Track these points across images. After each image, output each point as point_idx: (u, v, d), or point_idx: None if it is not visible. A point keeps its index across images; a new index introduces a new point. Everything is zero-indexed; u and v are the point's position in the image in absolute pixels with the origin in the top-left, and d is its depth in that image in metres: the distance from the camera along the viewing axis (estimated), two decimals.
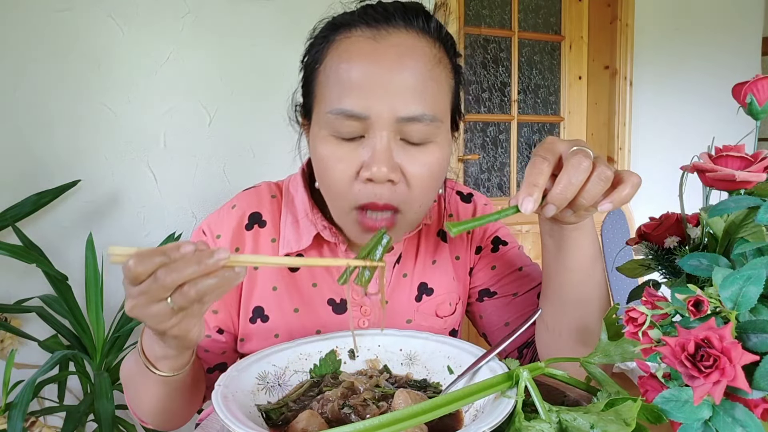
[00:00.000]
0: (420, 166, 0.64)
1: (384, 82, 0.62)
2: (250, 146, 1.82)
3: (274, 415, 0.56)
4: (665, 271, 0.62)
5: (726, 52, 2.69)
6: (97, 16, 1.60)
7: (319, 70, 0.67)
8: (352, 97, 0.62)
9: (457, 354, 0.63)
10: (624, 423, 0.41)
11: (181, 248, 0.49)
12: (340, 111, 0.62)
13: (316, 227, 0.75)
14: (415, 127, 0.63)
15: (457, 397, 0.46)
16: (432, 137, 0.65)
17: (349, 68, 0.63)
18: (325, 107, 0.65)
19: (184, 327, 0.53)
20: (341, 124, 0.63)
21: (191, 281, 0.49)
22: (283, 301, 0.76)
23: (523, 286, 0.82)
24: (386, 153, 0.62)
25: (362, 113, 0.62)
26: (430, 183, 0.67)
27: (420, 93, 0.63)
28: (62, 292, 1.46)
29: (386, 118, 0.62)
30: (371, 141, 0.63)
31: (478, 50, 2.43)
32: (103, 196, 1.65)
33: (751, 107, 0.56)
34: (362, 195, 0.64)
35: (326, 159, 0.65)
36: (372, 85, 0.62)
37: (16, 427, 1.09)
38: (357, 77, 0.62)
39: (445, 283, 0.82)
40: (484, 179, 2.52)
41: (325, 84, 0.65)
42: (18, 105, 1.54)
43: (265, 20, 1.78)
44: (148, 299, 0.50)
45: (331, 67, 0.65)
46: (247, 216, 0.77)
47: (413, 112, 0.62)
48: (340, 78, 0.63)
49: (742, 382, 0.36)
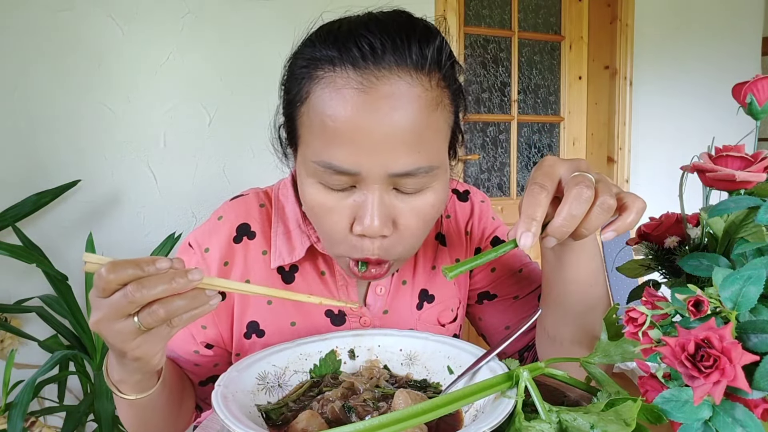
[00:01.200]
0: (414, 215, 0.61)
1: (375, 138, 0.55)
2: (249, 146, 1.82)
3: (274, 415, 0.56)
4: (665, 271, 0.62)
5: (726, 52, 2.69)
6: (97, 16, 1.60)
7: (302, 110, 0.60)
8: (341, 152, 0.56)
9: (457, 354, 0.63)
10: (624, 423, 0.41)
11: (156, 263, 0.47)
12: (328, 165, 0.57)
13: (309, 239, 0.72)
14: (408, 180, 0.58)
15: (457, 397, 0.45)
16: (427, 185, 0.61)
17: (335, 119, 0.56)
18: (310, 155, 0.59)
19: (147, 350, 0.51)
20: (329, 177, 0.58)
21: (161, 300, 0.48)
22: (279, 314, 0.73)
23: (523, 288, 0.80)
24: (379, 208, 0.58)
25: (352, 170, 0.57)
26: (425, 228, 0.64)
27: (415, 146, 0.57)
28: (62, 292, 1.46)
29: (378, 174, 0.57)
30: (362, 194, 0.59)
31: (478, 50, 2.43)
32: (103, 196, 1.65)
33: (751, 107, 0.56)
34: (355, 250, 0.62)
35: (316, 207, 0.61)
36: (362, 141, 0.56)
37: (16, 427, 1.09)
38: (345, 132, 0.56)
39: (445, 288, 0.80)
40: (484, 179, 2.52)
41: (309, 128, 0.59)
42: (18, 105, 1.54)
43: (266, 20, 1.78)
44: (115, 314, 0.48)
45: (315, 113, 0.58)
46: (235, 228, 0.73)
47: (407, 168, 0.57)
48: (326, 128, 0.57)
49: (742, 382, 0.36)
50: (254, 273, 0.73)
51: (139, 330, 0.49)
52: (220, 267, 0.72)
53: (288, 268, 0.74)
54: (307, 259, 0.74)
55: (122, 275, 0.47)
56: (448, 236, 0.82)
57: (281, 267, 0.73)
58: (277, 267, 0.73)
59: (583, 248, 0.60)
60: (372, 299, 0.77)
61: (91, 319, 0.49)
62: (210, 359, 0.76)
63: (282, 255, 0.73)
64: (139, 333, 0.49)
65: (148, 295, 0.47)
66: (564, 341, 0.67)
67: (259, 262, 0.73)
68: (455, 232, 0.83)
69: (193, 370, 0.76)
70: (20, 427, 1.09)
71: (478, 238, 0.83)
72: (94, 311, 0.49)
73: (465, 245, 0.83)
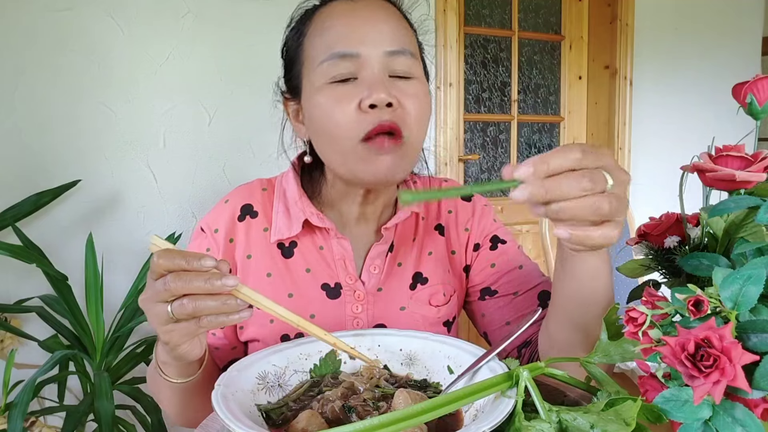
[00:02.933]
0: (410, 95, 0.70)
1: (367, 27, 0.69)
2: (249, 145, 1.82)
3: (274, 415, 0.56)
4: (665, 271, 0.62)
5: (726, 52, 2.69)
6: (97, 15, 1.61)
7: (303, 42, 0.73)
8: (342, 41, 0.68)
9: (457, 354, 0.63)
10: (624, 423, 0.41)
11: (201, 260, 0.51)
12: (334, 54, 0.68)
13: (304, 213, 0.77)
14: (399, 59, 0.69)
15: (457, 397, 0.45)
16: (414, 72, 0.71)
17: (332, 24, 0.70)
18: (316, 62, 0.70)
19: (175, 338, 0.55)
20: (335, 67, 0.68)
21: (193, 296, 0.51)
22: (277, 286, 0.78)
23: (523, 285, 0.82)
24: (382, 82, 0.68)
25: (354, 51, 0.68)
26: (421, 111, 0.71)
27: (398, 34, 0.71)
28: (62, 292, 1.46)
29: (375, 54, 0.68)
30: (365, 76, 0.68)
31: (478, 50, 2.43)
32: (103, 196, 1.65)
33: (751, 107, 0.56)
34: (367, 122, 0.67)
35: (326, 104, 0.69)
36: (357, 30, 0.69)
37: (16, 427, 1.09)
38: (342, 28, 0.69)
39: (440, 273, 0.83)
40: (484, 179, 2.52)
41: (311, 47, 0.71)
42: (18, 105, 1.54)
43: (265, 20, 1.78)
44: (154, 296, 0.53)
45: (316, 31, 0.71)
46: (239, 208, 0.80)
47: (397, 46, 0.70)
48: (325, 34, 0.70)
49: (742, 382, 0.36)
50: (256, 248, 0.79)
51: (171, 318, 0.53)
52: (226, 244, 0.78)
53: (288, 244, 0.79)
54: (305, 234, 0.79)
55: (169, 263, 0.51)
56: (447, 228, 0.86)
57: (281, 243, 0.79)
58: (277, 243, 0.79)
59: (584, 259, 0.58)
60: (366, 277, 0.80)
61: (141, 296, 0.55)
62: (226, 342, 0.79)
63: (281, 230, 0.78)
64: (170, 320, 0.53)
65: (183, 288, 0.51)
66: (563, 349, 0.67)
67: (261, 238, 0.79)
68: (455, 226, 0.86)
69: (215, 354, 0.79)
70: (20, 427, 1.09)
71: (477, 236, 0.86)
72: (145, 290, 0.55)
73: (463, 240, 0.86)
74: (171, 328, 0.54)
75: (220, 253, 0.78)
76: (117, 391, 1.35)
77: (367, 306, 0.79)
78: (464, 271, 0.86)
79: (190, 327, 0.53)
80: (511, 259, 0.84)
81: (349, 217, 0.81)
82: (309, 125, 0.74)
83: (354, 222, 0.82)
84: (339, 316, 0.78)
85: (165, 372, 0.64)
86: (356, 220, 0.82)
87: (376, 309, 0.80)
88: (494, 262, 0.84)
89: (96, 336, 1.48)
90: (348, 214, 0.81)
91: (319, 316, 0.77)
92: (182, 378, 0.64)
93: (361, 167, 0.70)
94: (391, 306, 0.80)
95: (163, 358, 0.63)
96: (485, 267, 0.84)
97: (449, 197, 0.56)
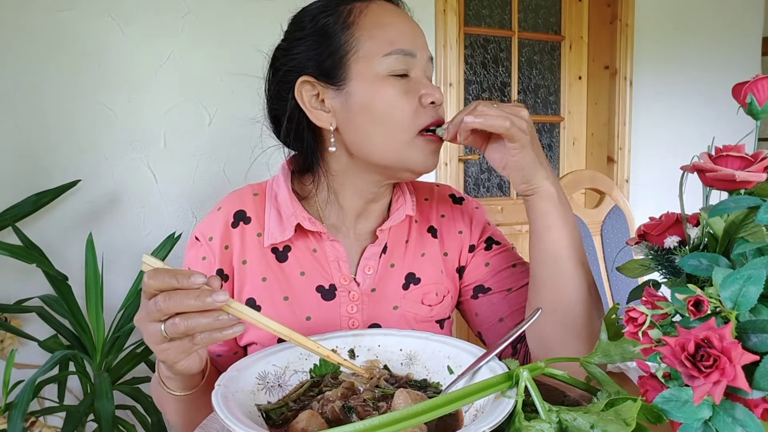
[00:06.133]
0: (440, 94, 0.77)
1: (417, 32, 0.77)
2: (249, 146, 1.82)
3: (274, 415, 0.56)
4: (665, 271, 0.62)
5: (726, 52, 2.69)
6: (98, 15, 1.60)
7: (354, 31, 0.75)
8: (403, 40, 0.74)
9: (457, 354, 0.63)
10: (624, 423, 0.41)
11: (191, 278, 0.51)
12: (399, 50, 0.73)
13: (296, 217, 0.78)
14: (430, 66, 0.78)
15: (457, 397, 0.45)
16: None
17: (392, 22, 0.75)
18: (377, 53, 0.73)
19: (171, 356, 0.55)
20: (398, 62, 0.73)
21: (184, 314, 0.51)
22: (273, 290, 0.78)
23: (516, 281, 0.83)
24: (433, 83, 0.77)
25: (414, 51, 0.75)
26: None
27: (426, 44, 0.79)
28: (62, 292, 1.45)
29: (423, 58, 0.76)
30: (417, 75, 0.76)
31: (478, 50, 2.43)
32: (103, 196, 1.65)
33: (751, 107, 0.56)
34: (428, 116, 0.74)
35: (394, 95, 0.73)
36: (412, 32, 0.76)
37: (16, 427, 1.09)
38: (402, 26, 0.76)
39: (432, 274, 0.85)
40: (484, 179, 2.52)
41: (369, 37, 0.74)
42: (18, 105, 1.54)
43: (266, 20, 1.78)
44: (147, 317, 0.53)
45: (373, 24, 0.75)
46: (232, 214, 0.81)
47: (430, 54, 0.78)
48: (387, 30, 0.74)
49: (742, 382, 0.36)
50: (250, 253, 0.79)
51: (165, 337, 0.53)
52: (221, 251, 0.79)
53: (282, 248, 0.80)
54: (298, 239, 0.80)
55: (159, 283, 0.51)
56: (440, 231, 0.88)
57: (275, 247, 0.80)
58: (271, 248, 0.80)
59: (539, 199, 0.70)
60: (361, 278, 0.81)
61: (135, 316, 0.56)
62: (227, 349, 0.80)
63: (274, 234, 0.79)
64: (164, 340, 0.53)
65: (174, 307, 0.51)
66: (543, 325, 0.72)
67: (255, 243, 0.80)
68: (447, 229, 0.89)
69: (217, 361, 0.80)
70: (20, 427, 1.09)
71: (472, 238, 0.88)
72: (139, 309, 0.55)
73: (456, 243, 0.88)
74: (166, 347, 0.54)
75: (217, 261, 0.78)
76: (117, 391, 1.35)
77: (362, 306, 0.80)
78: (457, 273, 0.88)
79: (184, 345, 0.54)
80: (505, 259, 0.86)
81: (350, 213, 0.82)
82: (357, 112, 0.74)
83: (353, 219, 0.82)
84: (334, 317, 0.79)
85: (168, 386, 0.64)
86: (356, 217, 0.82)
87: (370, 309, 0.81)
88: (488, 261, 0.86)
89: (96, 336, 1.48)
90: (350, 209, 0.82)
91: (314, 317, 0.78)
92: (185, 390, 0.65)
93: (414, 156, 0.74)
94: (385, 306, 0.81)
95: (164, 372, 0.63)
96: (479, 266, 0.86)
97: None
